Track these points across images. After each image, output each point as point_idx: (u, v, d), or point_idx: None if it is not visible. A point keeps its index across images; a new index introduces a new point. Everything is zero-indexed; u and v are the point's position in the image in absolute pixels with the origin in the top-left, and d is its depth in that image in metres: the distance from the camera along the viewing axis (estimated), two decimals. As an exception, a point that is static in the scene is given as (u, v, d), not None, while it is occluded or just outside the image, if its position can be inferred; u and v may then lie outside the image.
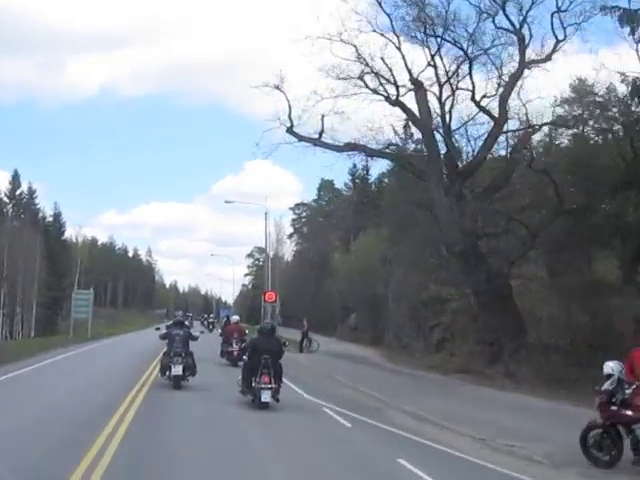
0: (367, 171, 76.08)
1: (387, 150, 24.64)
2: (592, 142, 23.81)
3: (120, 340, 50.34)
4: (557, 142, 25.64)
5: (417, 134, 26.07)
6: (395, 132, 25.27)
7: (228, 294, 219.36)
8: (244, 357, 16.16)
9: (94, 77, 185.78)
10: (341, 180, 79.25)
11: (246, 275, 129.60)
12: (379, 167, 72.31)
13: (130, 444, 9.81)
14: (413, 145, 27.90)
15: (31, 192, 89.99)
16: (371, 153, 24.60)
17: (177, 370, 17.02)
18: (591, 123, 23.15)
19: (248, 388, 14.96)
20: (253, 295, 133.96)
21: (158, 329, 22.04)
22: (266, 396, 14.44)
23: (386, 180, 74.40)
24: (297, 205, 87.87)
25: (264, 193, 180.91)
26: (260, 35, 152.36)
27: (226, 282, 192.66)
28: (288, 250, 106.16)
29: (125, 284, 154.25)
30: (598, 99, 22.00)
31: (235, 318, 29.89)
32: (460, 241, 22.12)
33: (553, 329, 22.39)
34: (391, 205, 46.43)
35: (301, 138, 24.59)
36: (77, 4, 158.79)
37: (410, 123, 25.07)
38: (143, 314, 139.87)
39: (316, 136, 24.08)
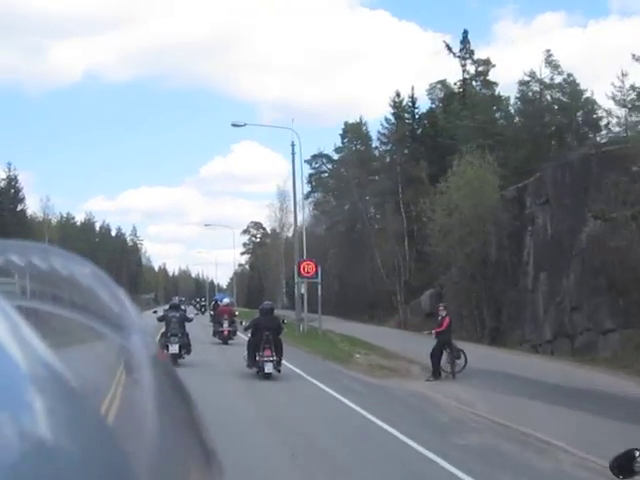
0: (413, 103, 57.63)
1: None
2: None
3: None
4: None
5: None
6: None
7: (221, 276, 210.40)
8: (244, 334, 20.18)
9: (78, 62, 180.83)
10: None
11: (242, 254, 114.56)
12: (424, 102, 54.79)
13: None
14: None
15: (-22, 151, 70.89)
16: None
17: (174, 349, 18.11)
18: None
19: (253, 362, 16.33)
20: (250, 276, 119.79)
21: (155, 312, 23.15)
22: (269, 367, 15.91)
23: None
24: (315, 157, 68.42)
25: (254, 174, 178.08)
26: (244, 14, 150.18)
27: (219, 265, 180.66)
28: (298, 219, 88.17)
29: (108, 267, 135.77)
30: None
31: (226, 301, 32.58)
32: None
33: None
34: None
35: None
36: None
37: None
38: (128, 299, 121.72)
39: None
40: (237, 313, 30.14)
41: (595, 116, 45.70)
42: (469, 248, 28.69)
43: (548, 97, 46.98)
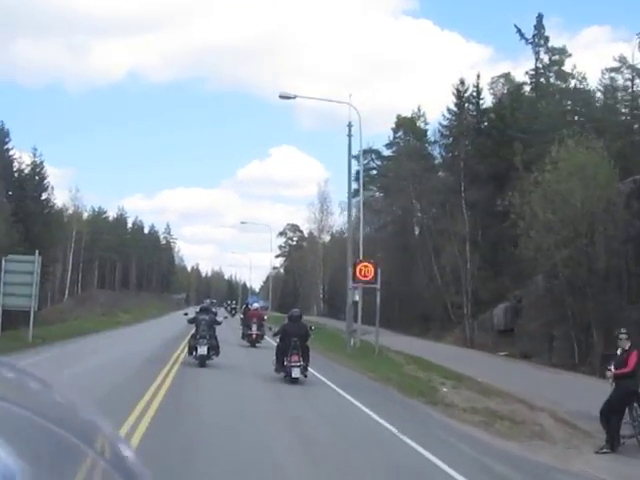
0: (479, 93, 51.44)
1: None
2: None
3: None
4: None
5: None
6: None
7: (255, 279, 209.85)
8: (272, 339, 21.22)
9: (121, 61, 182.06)
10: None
11: (277, 256, 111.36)
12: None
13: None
14: None
15: (3, 134, 65.92)
16: None
17: (202, 350, 18.48)
18: None
19: (281, 367, 16.82)
20: (285, 280, 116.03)
21: (186, 314, 22.59)
22: (296, 372, 16.25)
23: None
24: (364, 152, 62.29)
25: (291, 179, 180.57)
26: (287, 21, 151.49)
27: (253, 268, 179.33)
28: (338, 222, 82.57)
29: (138, 264, 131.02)
30: None
31: (255, 305, 31.41)
32: None
33: None
34: None
35: None
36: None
37: None
38: (159, 298, 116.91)
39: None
40: (266, 317, 31.02)
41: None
42: (573, 252, 22.69)
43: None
